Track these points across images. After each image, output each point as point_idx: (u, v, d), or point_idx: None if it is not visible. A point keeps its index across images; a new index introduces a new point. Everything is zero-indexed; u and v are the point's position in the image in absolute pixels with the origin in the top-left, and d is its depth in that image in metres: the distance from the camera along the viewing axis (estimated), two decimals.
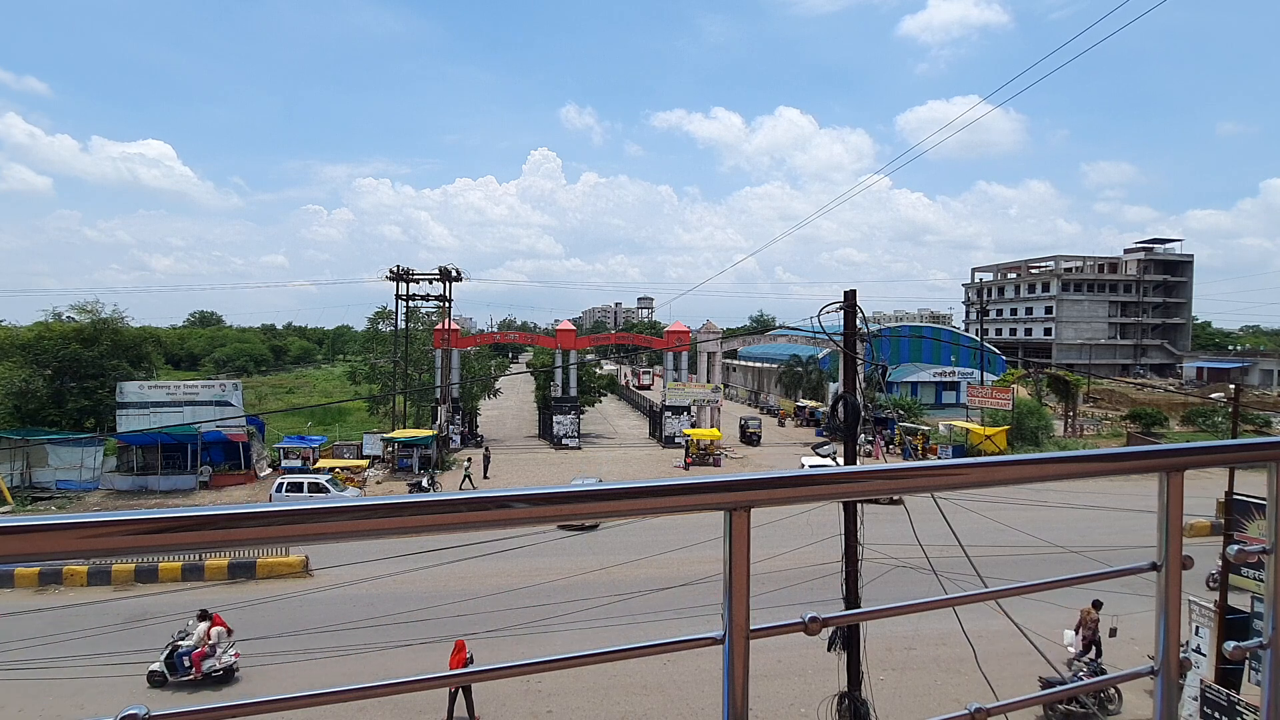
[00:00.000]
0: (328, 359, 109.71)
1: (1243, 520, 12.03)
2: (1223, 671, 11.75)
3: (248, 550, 20.61)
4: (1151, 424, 43.76)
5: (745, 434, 42.86)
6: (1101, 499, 23.71)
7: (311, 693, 0.99)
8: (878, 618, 1.33)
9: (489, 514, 0.99)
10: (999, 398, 41.18)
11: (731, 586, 1.12)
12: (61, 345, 34.98)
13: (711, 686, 14.10)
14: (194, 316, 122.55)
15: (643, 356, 70.05)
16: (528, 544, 22.77)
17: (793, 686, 14.12)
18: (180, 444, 30.48)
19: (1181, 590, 1.39)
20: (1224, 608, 12.03)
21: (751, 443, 42.20)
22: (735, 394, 68.14)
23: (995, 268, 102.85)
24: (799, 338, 43.43)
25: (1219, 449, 1.50)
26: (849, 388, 11.42)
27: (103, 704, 13.66)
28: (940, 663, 15.17)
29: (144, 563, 20.35)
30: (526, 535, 21.60)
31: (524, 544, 22.75)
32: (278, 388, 68.55)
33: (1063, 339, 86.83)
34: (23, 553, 0.82)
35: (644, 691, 14.18)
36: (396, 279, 39.50)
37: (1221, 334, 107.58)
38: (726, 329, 62.94)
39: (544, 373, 50.47)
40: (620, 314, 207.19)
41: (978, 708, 1.26)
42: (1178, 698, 1.38)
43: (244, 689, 14.22)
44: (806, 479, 1.17)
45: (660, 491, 1.07)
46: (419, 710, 13.33)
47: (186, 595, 18.75)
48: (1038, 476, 1.36)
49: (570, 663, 1.13)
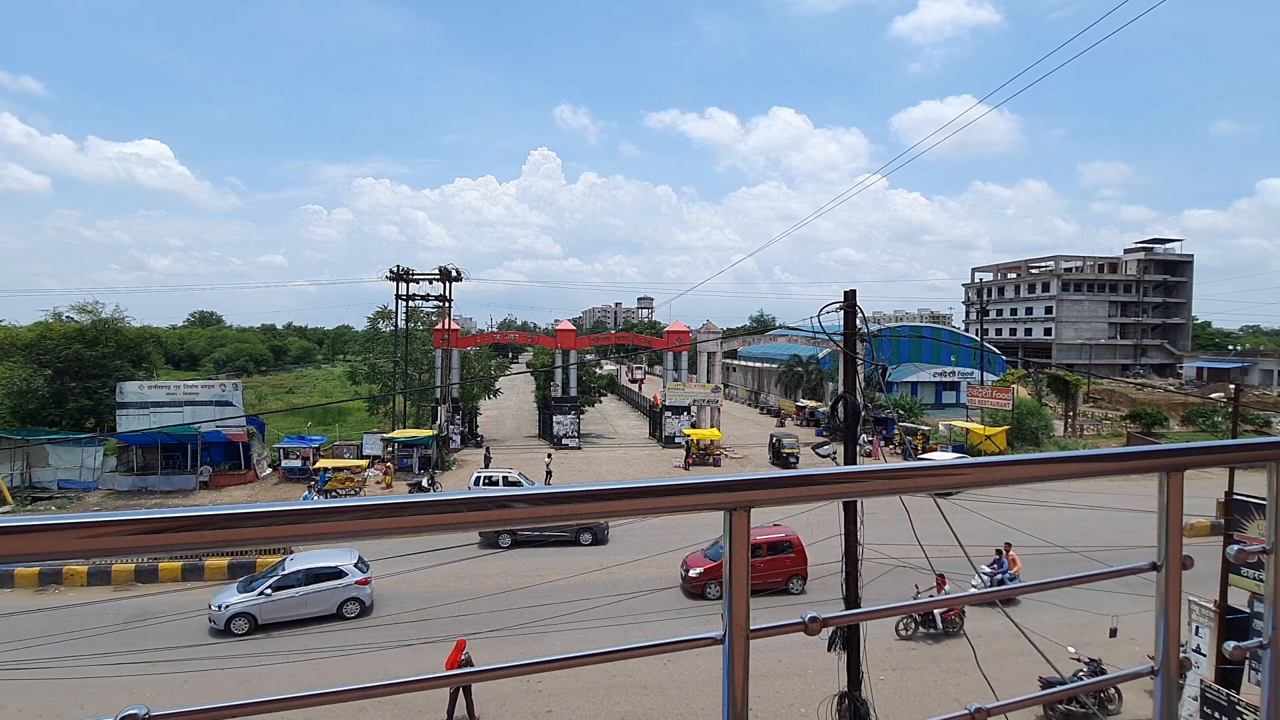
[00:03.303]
0: (328, 359, 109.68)
1: (1243, 520, 12.02)
2: (1223, 671, 11.75)
3: (248, 550, 20.62)
4: (1151, 424, 43.76)
5: (779, 454, 36.04)
6: (1101, 499, 23.71)
7: (311, 693, 0.99)
8: (878, 618, 1.33)
9: (489, 514, 0.99)
10: (999, 398, 41.19)
11: (731, 586, 1.12)
12: (63, 345, 34.98)
13: (711, 686, 14.10)
14: (194, 316, 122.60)
15: (643, 356, 70.10)
16: (530, 544, 22.74)
17: (793, 686, 14.12)
18: (180, 444, 30.49)
19: (1181, 590, 1.39)
20: (1224, 608, 12.03)
21: (788, 465, 34.79)
22: (735, 394, 68.15)
23: (995, 268, 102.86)
24: (799, 338, 43.42)
25: (1219, 449, 1.50)
26: (849, 388, 11.42)
27: (103, 704, 13.66)
28: (940, 663, 15.17)
29: (144, 563, 20.36)
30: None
31: (525, 544, 22.74)
32: (278, 388, 68.55)
33: (1063, 339, 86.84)
34: (23, 553, 0.82)
35: (644, 691, 14.18)
36: (396, 279, 39.49)
37: (1221, 334, 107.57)
38: (726, 329, 62.96)
39: (544, 373, 50.47)
40: (620, 314, 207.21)
41: (978, 708, 1.26)
42: (1178, 698, 1.38)
43: (244, 689, 14.21)
44: (806, 479, 1.17)
45: (660, 491, 1.07)
46: (419, 710, 13.33)
47: (186, 595, 18.75)
48: (1038, 476, 1.36)
49: (570, 663, 1.13)
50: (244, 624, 17.12)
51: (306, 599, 17.64)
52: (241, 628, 17.07)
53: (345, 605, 17.88)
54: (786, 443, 36.26)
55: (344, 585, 17.95)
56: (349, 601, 17.92)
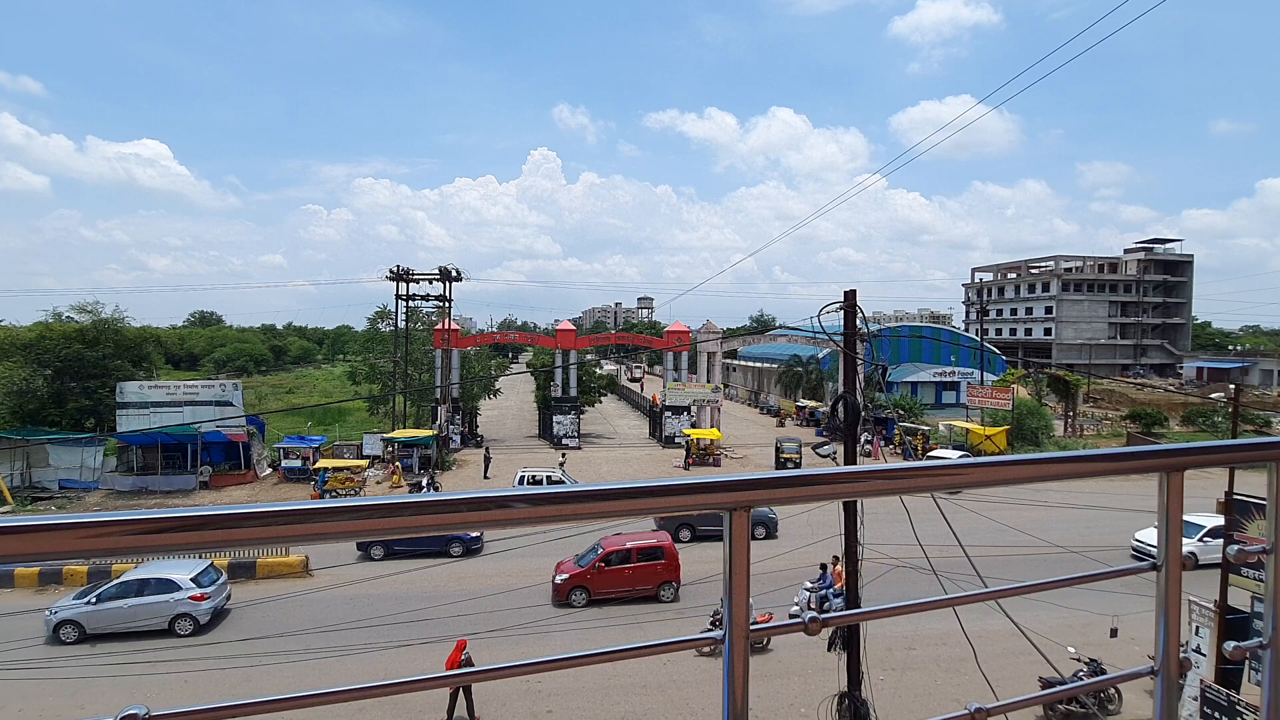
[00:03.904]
0: (328, 359, 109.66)
1: (1243, 520, 12.02)
2: (1223, 671, 11.74)
3: (248, 550, 20.61)
4: (1151, 424, 43.75)
5: (780, 461, 35.23)
6: (1101, 499, 23.72)
7: (311, 693, 0.99)
8: (878, 618, 1.33)
9: (489, 514, 0.99)
10: (999, 398, 41.19)
11: (731, 586, 1.12)
12: (63, 345, 34.97)
13: (711, 686, 14.10)
14: (194, 316, 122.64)
15: (643, 356, 70.05)
16: (528, 544, 22.77)
17: (793, 686, 14.12)
18: (180, 444, 30.49)
19: (1181, 590, 1.39)
20: (1224, 608, 12.03)
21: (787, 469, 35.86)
22: (735, 394, 68.14)
23: (995, 268, 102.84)
24: (799, 338, 43.40)
25: (1219, 449, 1.50)
26: (849, 388, 11.42)
27: (103, 704, 13.66)
28: (940, 663, 15.17)
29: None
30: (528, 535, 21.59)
31: (525, 544, 22.75)
32: (278, 388, 68.52)
33: (1063, 339, 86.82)
34: (23, 553, 0.82)
35: (644, 691, 14.18)
36: (396, 279, 39.48)
37: (1221, 334, 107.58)
38: (726, 329, 62.95)
39: (544, 373, 50.46)
40: (620, 314, 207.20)
41: (978, 708, 1.26)
42: (1178, 698, 1.38)
43: (244, 689, 14.21)
44: (806, 479, 1.17)
45: (660, 491, 1.07)
46: (419, 710, 13.32)
47: None
48: (1038, 476, 1.36)
49: (570, 663, 1.13)
50: (72, 632, 16.47)
51: (135, 611, 16.84)
52: (70, 635, 16.43)
53: (177, 621, 16.91)
54: (786, 447, 35.40)
55: (175, 599, 16.99)
56: (181, 617, 16.94)
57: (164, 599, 17.05)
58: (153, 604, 17.01)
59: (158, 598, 17.05)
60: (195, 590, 17.29)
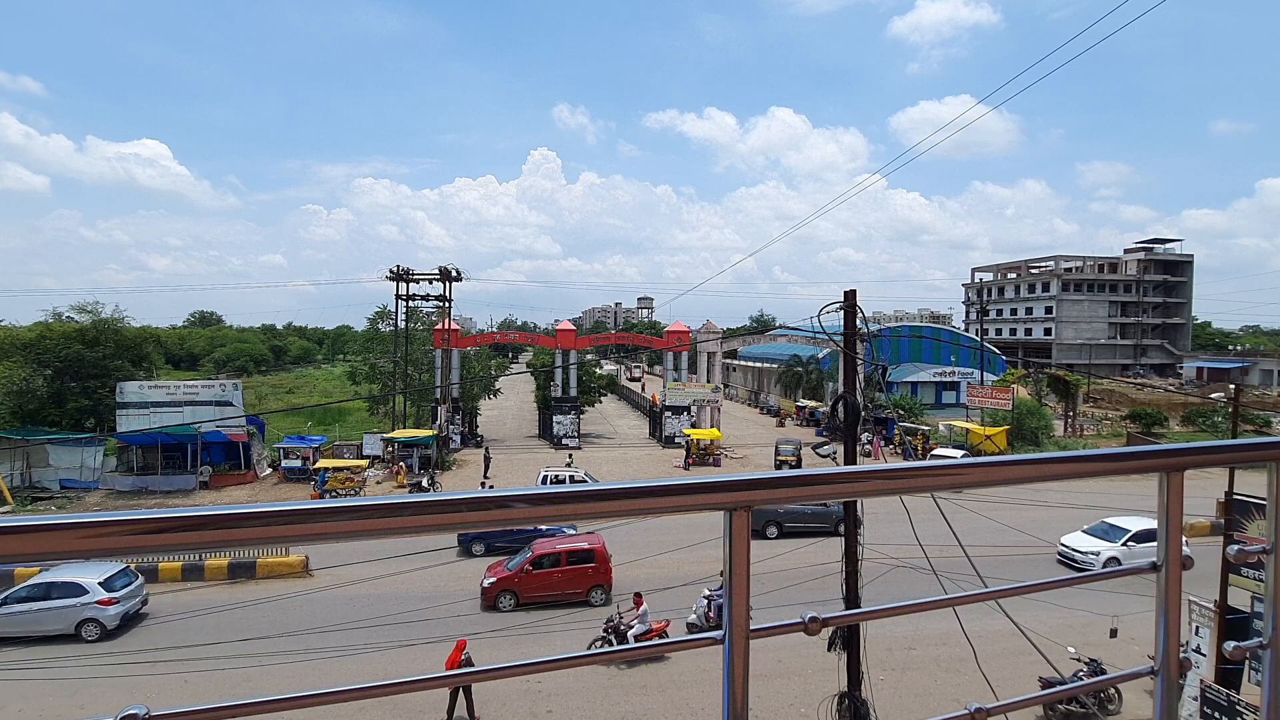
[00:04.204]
0: (328, 359, 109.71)
1: (1243, 520, 12.02)
2: (1223, 671, 11.74)
3: (248, 550, 20.62)
4: (1151, 424, 43.75)
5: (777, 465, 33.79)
6: (1101, 499, 23.72)
7: (311, 693, 0.99)
8: (878, 618, 1.33)
9: (489, 514, 0.99)
10: (999, 398, 41.19)
11: (731, 586, 1.12)
12: (63, 345, 34.98)
13: (711, 686, 14.10)
14: (194, 316, 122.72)
15: (642, 356, 70.05)
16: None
17: (793, 686, 14.11)
18: (180, 444, 30.49)
19: (1181, 590, 1.39)
20: (1224, 608, 12.03)
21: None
22: (735, 394, 68.14)
23: (995, 268, 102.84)
24: (799, 338, 43.40)
25: (1219, 449, 1.50)
26: (849, 388, 11.42)
27: (103, 704, 13.66)
28: (940, 663, 15.17)
29: (144, 563, 20.33)
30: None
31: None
32: (278, 388, 68.52)
33: (1063, 339, 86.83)
34: (23, 553, 0.82)
35: (644, 691, 14.18)
36: (396, 279, 39.48)
37: (1221, 334, 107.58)
38: (726, 329, 62.95)
39: (544, 373, 50.46)
40: (620, 314, 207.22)
41: (978, 708, 1.26)
42: (1178, 698, 1.38)
43: (244, 689, 14.21)
44: (806, 479, 1.17)
45: (660, 491, 1.07)
46: (419, 710, 13.32)
47: (187, 595, 18.76)
48: (1038, 476, 1.36)
49: (570, 663, 1.14)
50: None
51: (40, 615, 16.46)
52: None
53: (84, 626, 16.48)
54: (783, 450, 34.44)
55: (81, 604, 16.57)
56: (87, 622, 16.49)
57: (70, 603, 16.58)
58: (58, 609, 16.56)
59: (63, 602, 16.60)
60: (103, 595, 16.76)
